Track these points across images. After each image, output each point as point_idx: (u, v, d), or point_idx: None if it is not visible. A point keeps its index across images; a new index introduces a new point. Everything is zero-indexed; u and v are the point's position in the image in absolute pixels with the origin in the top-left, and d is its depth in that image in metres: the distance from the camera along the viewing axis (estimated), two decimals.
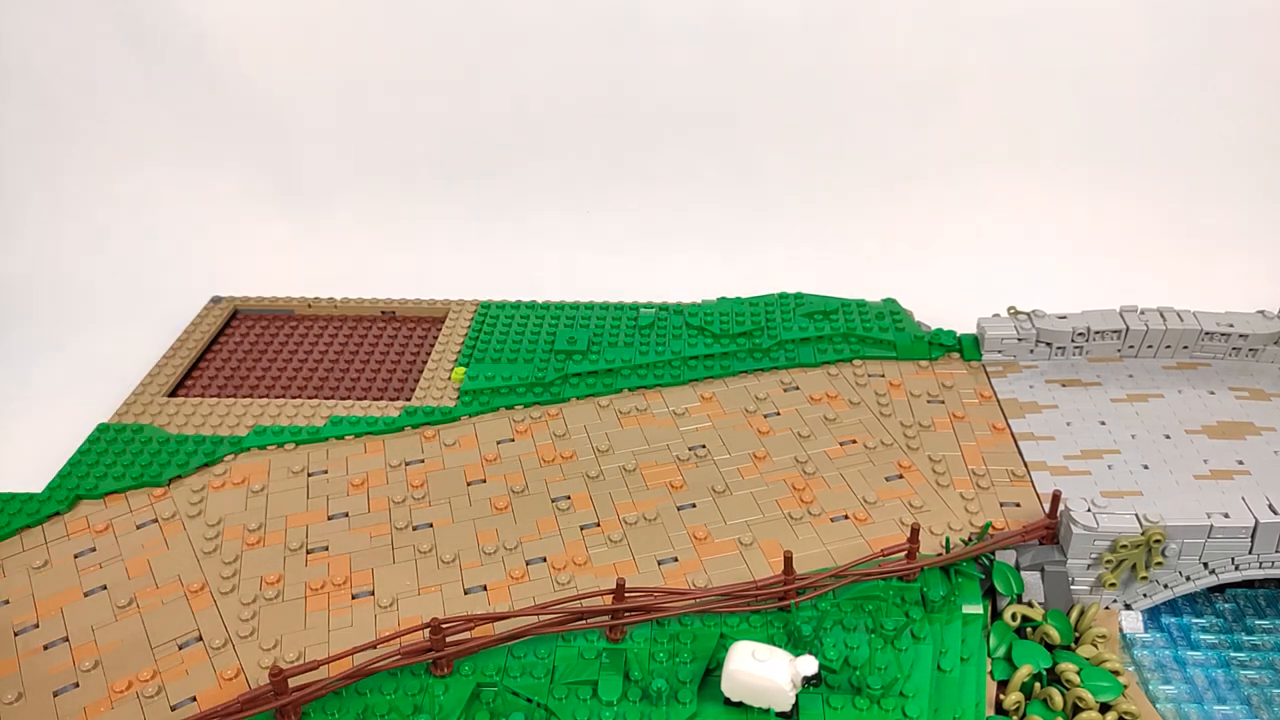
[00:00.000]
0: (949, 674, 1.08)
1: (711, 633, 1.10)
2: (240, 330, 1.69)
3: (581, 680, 1.06)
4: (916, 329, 1.58)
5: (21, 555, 1.24)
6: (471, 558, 1.21)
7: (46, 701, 1.06)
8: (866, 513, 1.26)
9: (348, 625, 1.13)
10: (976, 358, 1.53)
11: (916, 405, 1.44)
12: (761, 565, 1.18)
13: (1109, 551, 1.16)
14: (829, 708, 1.03)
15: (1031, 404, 1.44)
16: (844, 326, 1.58)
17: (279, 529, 1.25)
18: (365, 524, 1.26)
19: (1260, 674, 1.15)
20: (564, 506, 1.28)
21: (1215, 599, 1.25)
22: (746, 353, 1.54)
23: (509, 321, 1.64)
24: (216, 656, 1.09)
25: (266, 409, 1.46)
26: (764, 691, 1.01)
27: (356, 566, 1.20)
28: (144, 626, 1.13)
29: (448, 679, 1.06)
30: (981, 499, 1.28)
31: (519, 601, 1.14)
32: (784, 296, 1.65)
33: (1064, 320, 1.52)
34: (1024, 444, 1.37)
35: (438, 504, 1.29)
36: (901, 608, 1.13)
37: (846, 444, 1.37)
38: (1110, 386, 1.47)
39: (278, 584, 1.18)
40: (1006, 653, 1.13)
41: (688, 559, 1.20)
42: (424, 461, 1.35)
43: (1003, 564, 1.18)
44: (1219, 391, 1.45)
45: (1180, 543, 1.16)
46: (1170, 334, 1.50)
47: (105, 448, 1.39)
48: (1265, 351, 1.50)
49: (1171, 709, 1.12)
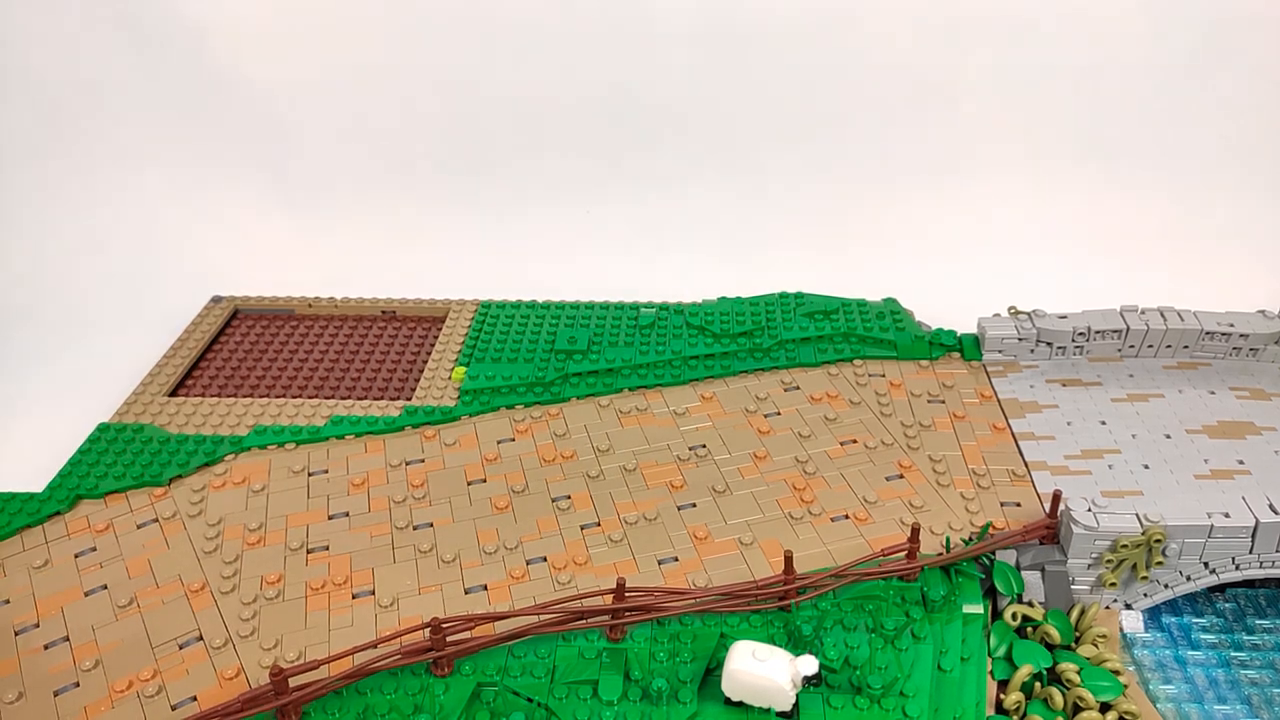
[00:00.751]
0: (949, 674, 1.08)
1: (712, 632, 1.10)
2: (240, 330, 1.69)
3: (582, 680, 1.06)
4: (917, 329, 1.58)
5: (22, 555, 1.24)
6: (472, 557, 1.21)
7: (47, 701, 1.06)
8: (867, 512, 1.26)
9: (348, 625, 1.13)
10: (977, 357, 1.53)
11: (917, 405, 1.44)
12: (762, 565, 1.18)
13: (1109, 551, 1.16)
14: (829, 707, 1.03)
15: (1032, 404, 1.44)
16: (844, 326, 1.58)
17: (279, 528, 1.26)
18: (366, 523, 1.26)
19: (1261, 673, 1.15)
20: (564, 506, 1.28)
21: (1216, 599, 1.25)
22: (747, 352, 1.54)
23: (509, 321, 1.64)
24: (217, 656, 1.09)
25: (267, 409, 1.46)
26: (764, 691, 1.01)
27: (357, 566, 1.20)
28: (144, 626, 1.13)
29: (448, 679, 1.06)
30: (982, 499, 1.28)
31: (519, 601, 1.14)
32: (784, 296, 1.65)
33: (1064, 320, 1.52)
34: (1024, 444, 1.37)
35: (438, 503, 1.29)
36: (902, 607, 1.13)
37: (847, 444, 1.37)
38: (1111, 386, 1.47)
39: (278, 583, 1.18)
40: (1007, 652, 1.13)
41: (688, 559, 1.20)
42: (424, 461, 1.35)
43: (1003, 564, 1.18)
44: (1219, 391, 1.45)
45: (1181, 542, 1.16)
46: (1171, 334, 1.50)
47: (106, 447, 1.39)
48: (1266, 351, 1.50)
49: (1172, 709, 1.12)
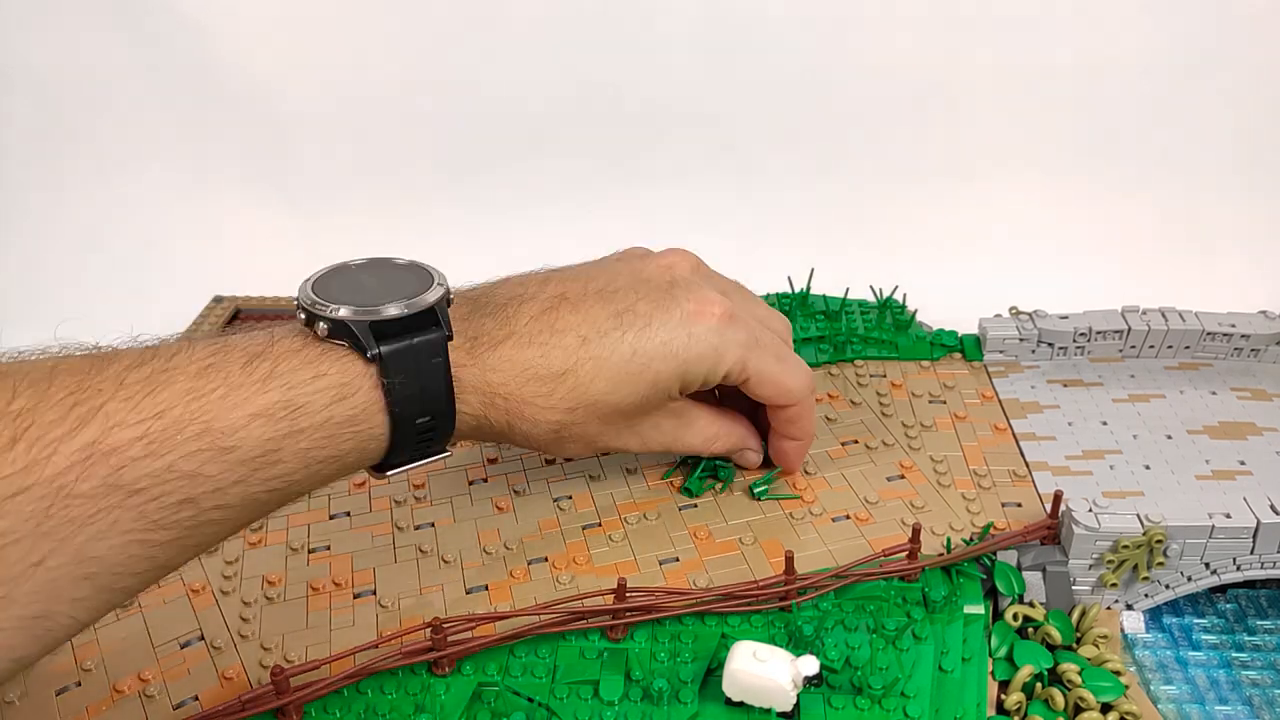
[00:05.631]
0: (950, 674, 1.08)
1: (713, 632, 1.10)
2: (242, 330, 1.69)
3: (583, 680, 1.05)
4: (918, 329, 1.58)
5: None
6: (473, 557, 1.21)
7: (49, 700, 1.06)
8: (868, 513, 1.26)
9: (349, 625, 1.13)
10: (978, 358, 1.53)
11: (918, 405, 1.44)
12: (763, 565, 1.18)
13: (1110, 552, 1.16)
14: (830, 708, 1.03)
15: (1033, 404, 1.44)
16: (845, 326, 1.57)
17: (280, 529, 1.26)
18: (367, 524, 1.26)
19: (1262, 674, 1.15)
20: (565, 506, 1.28)
21: (1217, 599, 1.25)
22: None
23: None
24: (218, 656, 1.09)
25: None
26: (765, 691, 1.01)
27: (358, 566, 1.20)
28: (146, 626, 1.13)
29: (449, 678, 1.06)
30: (983, 499, 1.28)
31: (520, 601, 1.14)
32: (784, 296, 1.65)
33: (1066, 320, 1.52)
34: (1025, 444, 1.37)
35: (439, 504, 1.29)
36: (903, 608, 1.13)
37: (848, 444, 1.37)
38: (1112, 387, 1.47)
39: (279, 584, 1.18)
40: (1008, 653, 1.13)
41: (689, 559, 1.20)
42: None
43: (1004, 564, 1.18)
44: (1221, 392, 1.45)
45: (1182, 543, 1.16)
46: (1172, 334, 1.50)
47: None
48: (1267, 352, 1.50)
49: (1173, 709, 1.12)
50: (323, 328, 0.96)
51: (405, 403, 0.97)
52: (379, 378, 0.95)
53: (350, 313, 0.96)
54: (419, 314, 0.98)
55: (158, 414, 0.84)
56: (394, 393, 0.96)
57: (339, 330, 0.96)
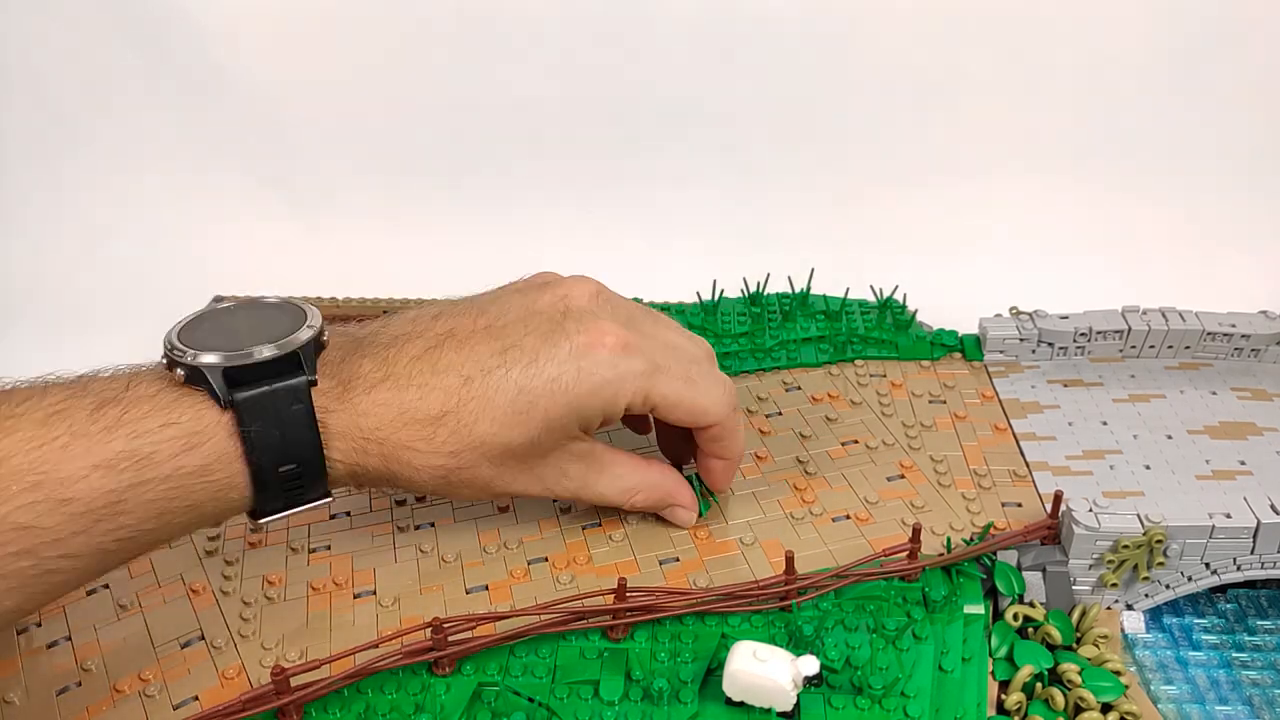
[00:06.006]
0: (950, 674, 1.08)
1: (713, 632, 1.10)
2: None
3: (583, 680, 1.06)
4: (918, 329, 1.58)
5: None
6: (473, 557, 1.21)
7: (49, 700, 1.06)
8: (868, 513, 1.26)
9: (349, 624, 1.13)
10: (978, 358, 1.53)
11: (918, 405, 1.44)
12: (763, 565, 1.18)
13: (1111, 552, 1.16)
14: (830, 708, 1.03)
15: (1033, 404, 1.44)
16: (845, 326, 1.58)
17: (281, 529, 1.25)
18: (367, 524, 1.26)
19: (1262, 674, 1.15)
20: (565, 506, 1.28)
21: (1217, 599, 1.25)
22: (748, 352, 1.54)
23: None
24: (218, 656, 1.09)
25: None
26: (765, 691, 1.01)
27: (358, 566, 1.20)
28: (146, 626, 1.13)
29: (449, 678, 1.06)
30: (983, 499, 1.28)
31: (520, 601, 1.14)
32: (784, 296, 1.65)
33: (1066, 320, 1.52)
34: (1026, 444, 1.37)
35: (439, 504, 1.29)
36: (903, 608, 1.13)
37: (848, 444, 1.37)
38: (1112, 386, 1.47)
39: (279, 584, 1.18)
40: (1008, 653, 1.13)
41: (689, 559, 1.20)
42: None
43: (1004, 564, 1.18)
44: (1221, 392, 1.45)
45: (1182, 543, 1.16)
46: (1172, 334, 1.50)
47: None
48: (1267, 352, 1.50)
49: (1173, 709, 1.12)
50: (179, 374, 0.94)
51: (265, 451, 0.94)
52: (235, 425, 0.93)
53: (209, 358, 0.94)
54: (282, 358, 0.96)
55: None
56: (252, 441, 0.93)
57: (196, 377, 0.94)
